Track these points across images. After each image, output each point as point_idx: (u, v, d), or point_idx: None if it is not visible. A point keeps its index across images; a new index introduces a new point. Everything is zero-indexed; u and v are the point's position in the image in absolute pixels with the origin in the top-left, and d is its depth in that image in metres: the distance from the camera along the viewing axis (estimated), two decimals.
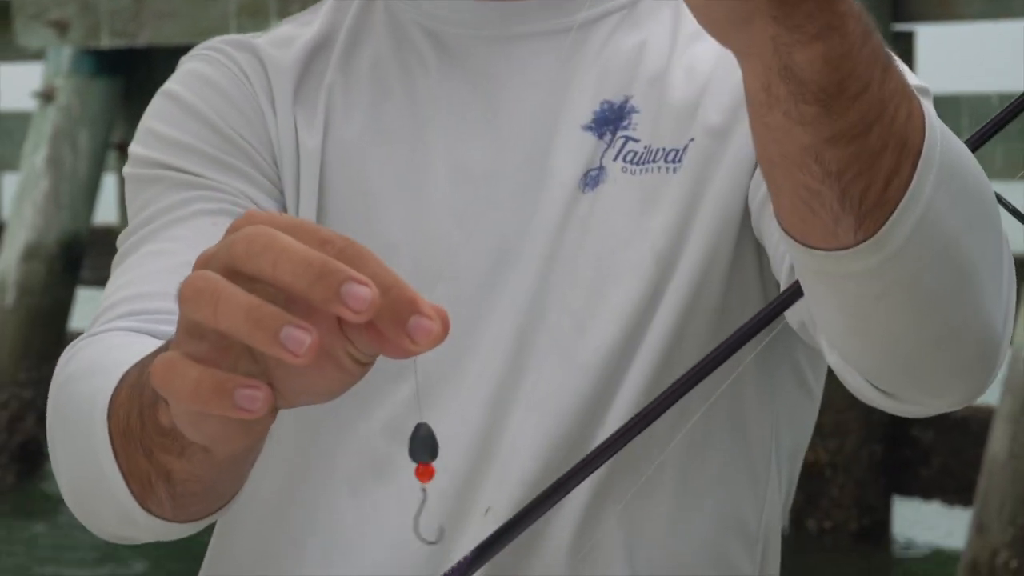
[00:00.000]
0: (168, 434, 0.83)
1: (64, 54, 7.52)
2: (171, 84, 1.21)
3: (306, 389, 0.68)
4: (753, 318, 0.96)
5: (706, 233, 1.09)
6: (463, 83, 1.16)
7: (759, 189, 1.06)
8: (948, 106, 5.78)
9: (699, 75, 1.11)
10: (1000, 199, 0.97)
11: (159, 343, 0.96)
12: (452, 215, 1.13)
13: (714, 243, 1.09)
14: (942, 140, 0.85)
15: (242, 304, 0.62)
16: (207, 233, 1.09)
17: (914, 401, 0.98)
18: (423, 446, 0.70)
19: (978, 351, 0.94)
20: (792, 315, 1.01)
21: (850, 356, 0.96)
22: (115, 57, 7.32)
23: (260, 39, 1.22)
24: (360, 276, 0.62)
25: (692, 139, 1.10)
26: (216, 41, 1.23)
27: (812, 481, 6.11)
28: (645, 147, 1.09)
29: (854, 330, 0.93)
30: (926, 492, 5.89)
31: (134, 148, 1.20)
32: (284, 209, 1.17)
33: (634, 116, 1.12)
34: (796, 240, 0.86)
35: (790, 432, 1.17)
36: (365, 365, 0.68)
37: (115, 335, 1.08)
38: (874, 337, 0.92)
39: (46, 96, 7.44)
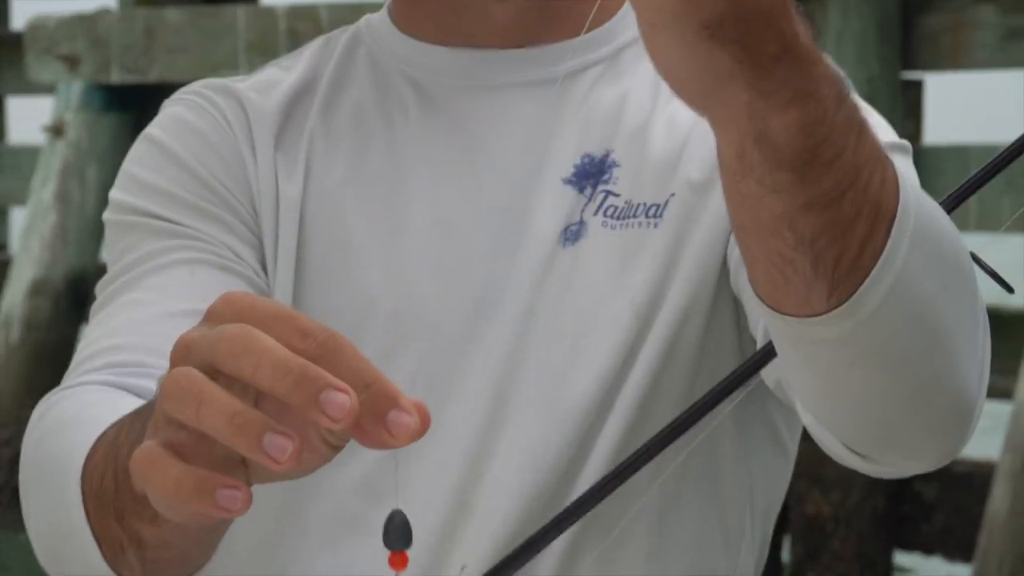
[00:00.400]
0: (141, 501, 0.83)
1: (74, 88, 7.50)
2: (153, 129, 1.20)
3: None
4: (728, 376, 0.95)
5: (685, 288, 1.08)
6: (444, 132, 1.16)
7: (737, 246, 1.07)
8: (956, 155, 5.83)
9: (680, 128, 1.10)
10: (976, 259, 0.96)
11: (137, 401, 0.98)
12: (430, 266, 1.12)
13: (692, 297, 1.08)
14: (916, 204, 0.84)
15: (225, 408, 0.63)
16: (185, 283, 1.11)
17: (888, 463, 0.97)
18: (398, 534, 0.69)
19: (952, 412, 0.93)
20: (767, 374, 1.01)
21: (824, 419, 0.95)
22: (125, 92, 7.29)
23: (243, 84, 1.22)
24: (338, 383, 0.63)
25: (673, 194, 1.09)
26: (198, 85, 1.22)
27: (814, 534, 6.09)
28: (626, 202, 1.09)
29: (827, 394, 0.92)
30: (927, 547, 5.86)
31: (115, 194, 1.19)
32: (263, 257, 1.16)
33: (615, 170, 1.11)
34: (769, 306, 0.85)
35: (764, 490, 1.16)
36: (338, 447, 0.69)
37: (93, 390, 1.07)
38: (847, 401, 0.92)
39: (55, 130, 7.44)
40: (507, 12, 1.15)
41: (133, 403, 0.98)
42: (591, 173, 1.12)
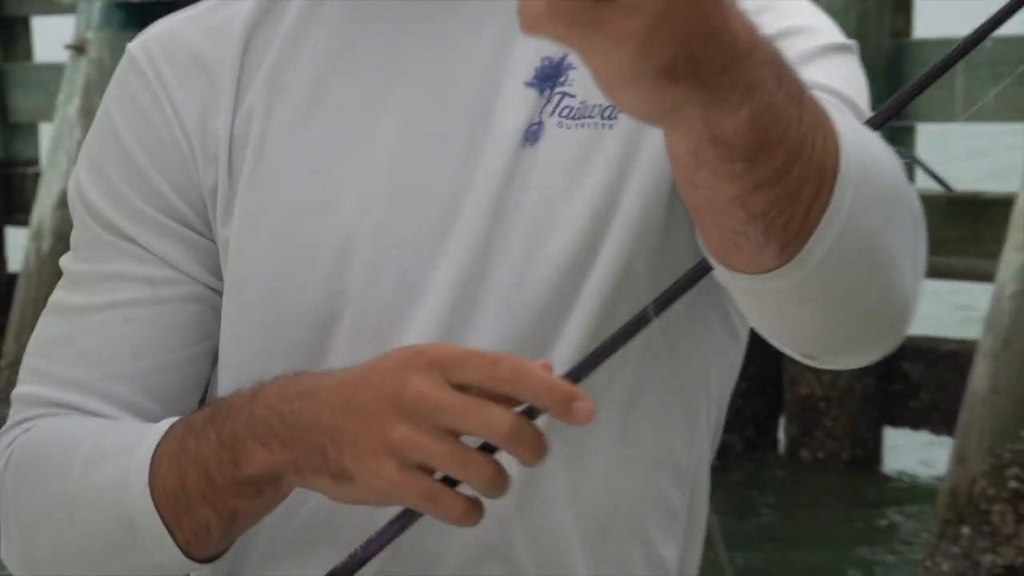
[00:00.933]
0: (249, 482, 1.00)
1: (95, 7, 7.46)
2: (109, 102, 1.18)
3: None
4: (685, 275, 0.98)
5: (642, 189, 1.09)
6: (414, 46, 1.15)
7: None
8: (945, 48, 5.80)
9: None
10: (919, 162, 1.03)
11: (139, 423, 1.09)
12: (403, 172, 1.12)
13: (650, 199, 1.09)
14: (856, 152, 0.87)
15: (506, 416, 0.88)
16: (117, 335, 1.12)
17: (834, 363, 1.06)
18: None
19: (894, 320, 0.98)
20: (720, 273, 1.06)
21: (776, 340, 1.01)
22: (145, 10, 7.27)
23: (192, 25, 1.18)
24: (582, 395, 0.86)
25: (610, 119, 1.11)
26: (153, 42, 1.18)
27: (807, 413, 6.31)
28: (581, 102, 1.10)
29: (779, 326, 0.98)
30: (915, 423, 5.98)
31: (78, 174, 1.18)
32: (215, 253, 1.15)
33: (571, 72, 1.11)
34: (720, 263, 0.89)
35: (719, 375, 1.20)
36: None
37: (73, 424, 1.12)
38: (799, 330, 0.98)
39: (78, 49, 7.47)
40: None
41: (140, 423, 1.09)
42: (549, 75, 1.12)
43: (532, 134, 1.09)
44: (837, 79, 1.06)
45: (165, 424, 1.06)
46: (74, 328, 1.15)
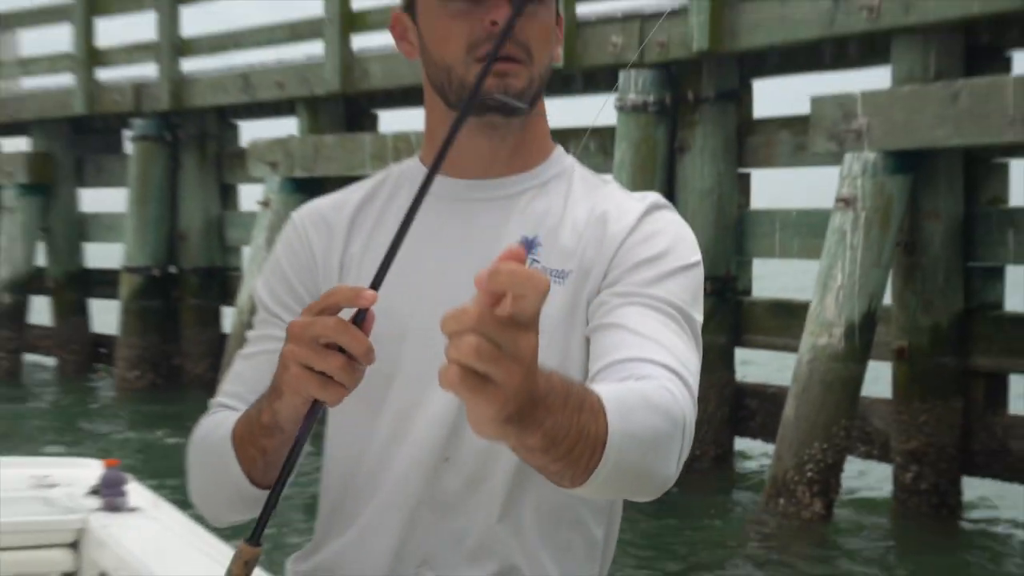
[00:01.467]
0: (267, 427, 0.97)
1: (275, 180, 7.50)
2: (278, 243, 1.16)
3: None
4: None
5: (577, 324, 1.05)
6: (446, 224, 1.09)
7: (594, 313, 1.04)
8: (772, 216, 5.88)
9: (578, 229, 1.06)
10: None
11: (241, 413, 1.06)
12: (432, 296, 1.05)
13: (578, 330, 1.05)
14: (620, 420, 0.85)
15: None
16: (269, 359, 1.06)
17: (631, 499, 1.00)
18: None
19: (660, 488, 0.95)
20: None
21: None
22: (303, 182, 7.32)
23: (329, 202, 1.16)
24: (366, 290, 0.85)
25: (571, 270, 1.06)
26: (303, 212, 1.17)
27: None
28: (543, 267, 1.05)
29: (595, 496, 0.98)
30: (757, 434, 6.01)
31: (258, 280, 1.17)
32: None
33: (538, 248, 1.07)
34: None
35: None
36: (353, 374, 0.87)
37: (226, 413, 1.10)
38: (607, 496, 1.01)
39: (264, 204, 7.53)
40: (490, 144, 1.08)
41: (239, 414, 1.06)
42: (526, 246, 1.07)
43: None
44: (676, 292, 1.03)
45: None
46: (243, 365, 1.13)
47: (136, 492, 2.23)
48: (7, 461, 2.50)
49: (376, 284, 0.86)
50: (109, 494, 2.17)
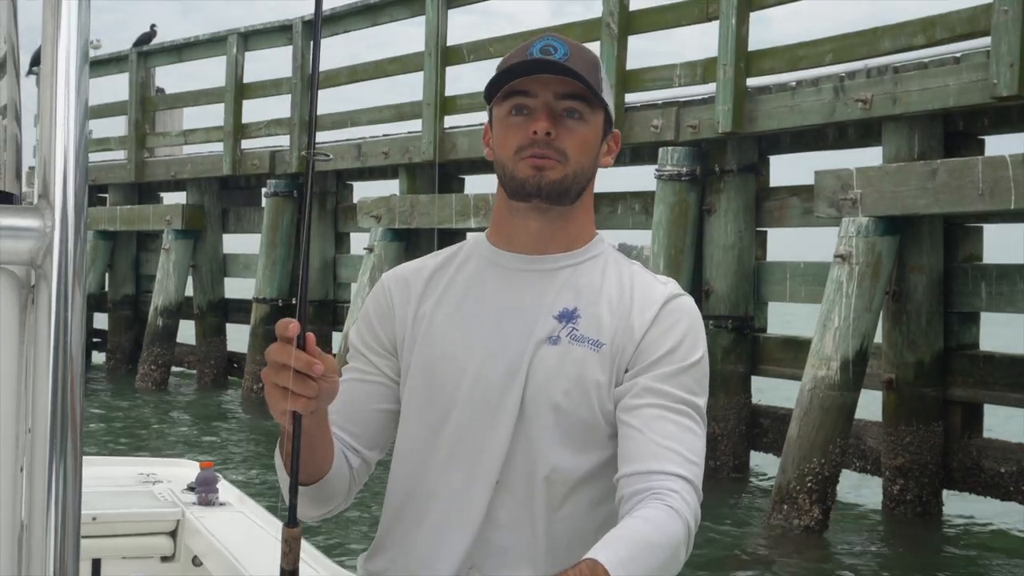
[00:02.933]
0: (281, 440, 0.96)
1: (379, 230, 7.48)
2: (368, 296, 1.14)
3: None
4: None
5: (611, 388, 1.03)
6: (502, 290, 1.08)
7: (623, 393, 1.02)
8: (784, 267, 5.87)
9: (611, 307, 1.04)
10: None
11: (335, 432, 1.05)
12: (489, 350, 1.04)
13: (611, 392, 1.03)
14: (629, 566, 0.85)
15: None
16: (351, 392, 1.08)
17: None
18: None
19: None
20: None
21: None
22: (401, 232, 7.56)
23: (409, 268, 1.14)
24: (290, 321, 0.84)
25: (606, 343, 1.03)
26: (389, 275, 1.15)
27: (710, 443, 5.89)
28: (582, 334, 1.03)
29: None
30: (769, 449, 5.96)
31: (353, 326, 1.17)
32: (398, 364, 1.11)
33: (578, 319, 1.04)
34: None
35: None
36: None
37: None
38: None
39: (369, 249, 7.46)
40: (538, 225, 1.06)
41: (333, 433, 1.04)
42: (566, 316, 1.05)
43: (553, 339, 1.04)
44: (687, 386, 1.01)
45: None
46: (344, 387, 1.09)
47: (225, 489, 2.20)
48: (120, 460, 2.46)
49: (300, 316, 0.89)
50: (203, 491, 2.14)
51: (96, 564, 1.92)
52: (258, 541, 1.88)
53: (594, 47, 6.21)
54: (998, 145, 5.29)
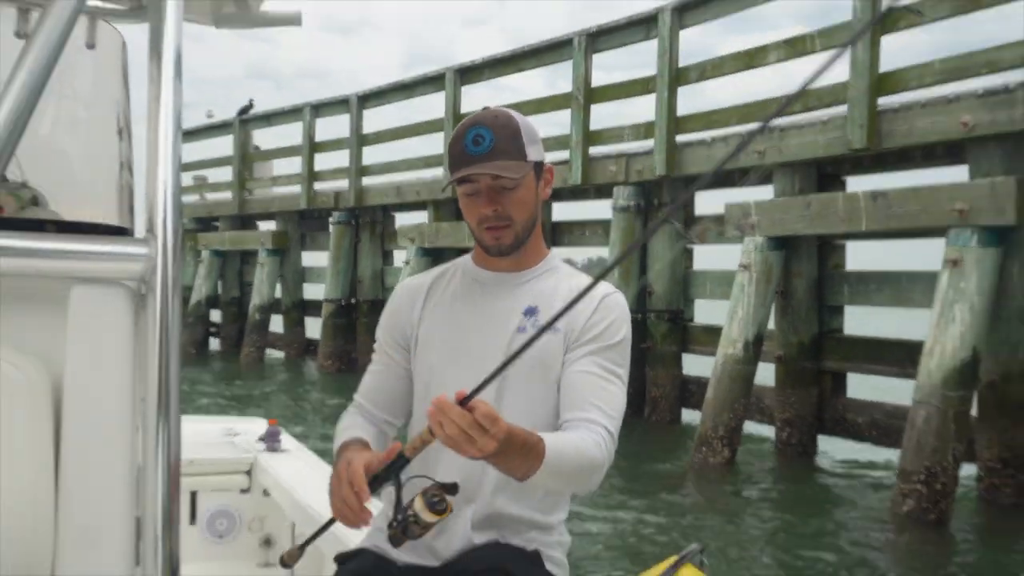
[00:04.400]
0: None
1: (412, 250, 7.46)
2: (389, 303, 1.10)
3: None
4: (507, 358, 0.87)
5: (563, 362, 1.00)
6: (479, 297, 1.05)
7: (568, 360, 1.00)
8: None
9: (564, 302, 0.93)
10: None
11: (366, 422, 1.04)
12: (464, 346, 1.02)
13: (557, 368, 1.00)
14: (554, 457, 0.85)
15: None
16: (378, 379, 1.06)
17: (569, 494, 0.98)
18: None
19: (586, 492, 0.94)
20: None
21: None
22: (429, 250, 7.38)
23: (416, 281, 1.10)
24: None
25: (561, 328, 1.00)
26: (403, 283, 1.12)
27: (650, 403, 6.02)
28: (540, 325, 0.96)
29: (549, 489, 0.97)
30: (696, 407, 5.53)
31: (380, 323, 1.09)
32: (411, 352, 1.06)
33: (539, 313, 1.03)
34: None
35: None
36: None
37: (353, 416, 1.07)
38: (553, 491, 1.00)
39: (406, 262, 7.49)
40: (505, 259, 1.05)
41: (363, 423, 1.03)
42: (530, 312, 1.03)
43: (522, 329, 1.03)
44: (614, 359, 1.00)
45: (355, 433, 1.01)
46: (368, 379, 1.09)
47: (287, 440, 2.16)
48: (209, 419, 2.45)
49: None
50: (270, 441, 2.13)
51: (193, 495, 1.98)
52: (309, 478, 1.87)
53: (566, 113, 6.39)
54: (856, 183, 5.39)
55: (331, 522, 0.92)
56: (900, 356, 4.75)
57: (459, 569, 0.97)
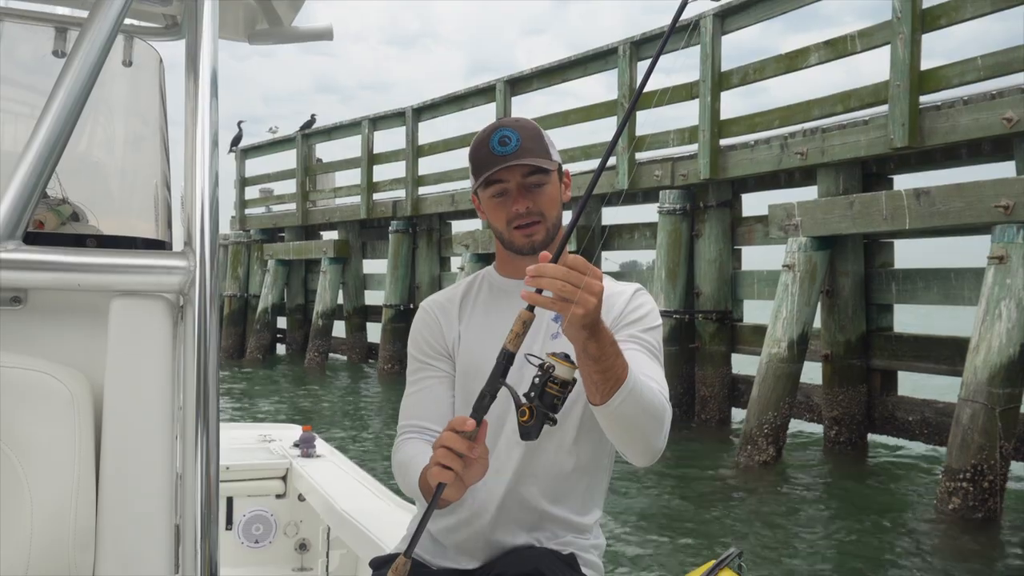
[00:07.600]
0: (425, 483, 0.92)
1: (467, 255, 7.73)
2: (416, 320, 1.08)
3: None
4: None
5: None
6: (507, 307, 1.04)
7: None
8: (767, 276, 5.49)
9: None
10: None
11: (425, 444, 1.00)
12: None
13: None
14: (636, 380, 0.85)
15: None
16: (424, 395, 1.04)
17: (635, 460, 0.93)
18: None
19: (650, 453, 0.92)
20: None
21: (617, 447, 0.95)
22: (482, 256, 7.49)
23: (443, 296, 1.09)
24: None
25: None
26: (429, 301, 1.10)
27: (699, 403, 6.12)
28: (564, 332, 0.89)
29: (614, 440, 0.93)
30: (744, 406, 5.47)
31: (411, 343, 1.08)
32: (452, 362, 1.05)
33: (562, 319, 0.90)
34: (590, 402, 0.87)
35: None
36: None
37: (414, 442, 1.03)
38: (617, 444, 0.94)
39: (461, 268, 7.55)
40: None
41: (425, 447, 0.98)
42: (559, 318, 1.00)
43: (554, 335, 1.04)
44: (651, 342, 1.02)
45: (425, 458, 0.94)
46: (410, 400, 1.07)
47: (321, 445, 2.16)
48: (245, 426, 2.44)
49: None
50: (305, 447, 2.13)
51: (230, 501, 1.99)
52: (343, 482, 1.88)
53: (612, 120, 6.69)
54: (902, 182, 5.43)
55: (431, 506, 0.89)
56: (950, 353, 4.79)
57: (495, 573, 0.97)
